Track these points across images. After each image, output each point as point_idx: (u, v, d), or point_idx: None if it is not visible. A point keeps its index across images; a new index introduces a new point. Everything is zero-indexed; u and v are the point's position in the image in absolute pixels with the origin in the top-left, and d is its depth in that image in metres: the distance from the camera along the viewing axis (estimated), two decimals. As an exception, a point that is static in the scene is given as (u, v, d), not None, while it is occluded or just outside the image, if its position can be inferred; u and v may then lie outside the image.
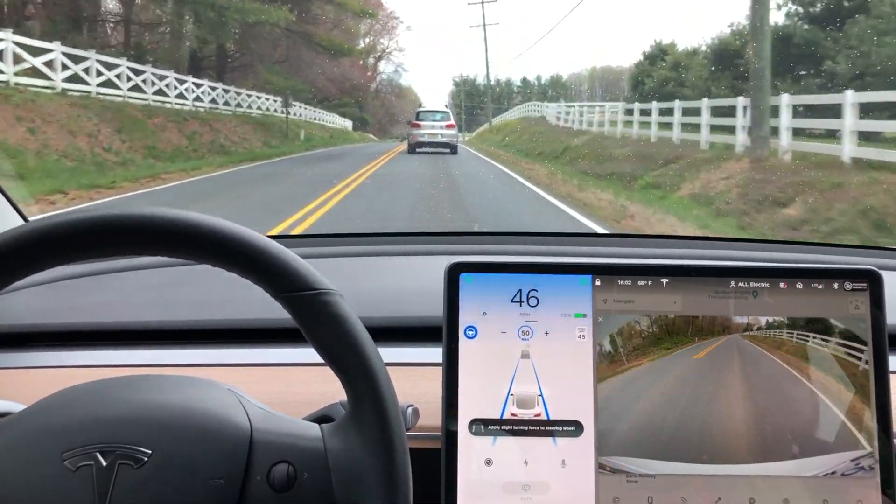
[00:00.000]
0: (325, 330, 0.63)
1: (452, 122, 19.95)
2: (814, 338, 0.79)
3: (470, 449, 0.77)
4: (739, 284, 0.79)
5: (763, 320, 0.79)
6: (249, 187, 11.71)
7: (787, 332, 0.79)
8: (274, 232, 5.86)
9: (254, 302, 0.84)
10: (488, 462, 0.77)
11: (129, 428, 0.62)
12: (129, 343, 1.03)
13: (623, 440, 0.77)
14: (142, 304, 1.14)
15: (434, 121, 19.64)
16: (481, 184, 13.34)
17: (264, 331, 1.03)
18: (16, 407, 0.71)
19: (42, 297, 1.16)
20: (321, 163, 17.25)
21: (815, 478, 0.76)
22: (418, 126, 19.35)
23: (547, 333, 0.79)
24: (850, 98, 9.14)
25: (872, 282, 0.79)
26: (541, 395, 0.78)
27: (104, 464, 0.60)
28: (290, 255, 0.64)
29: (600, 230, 7.46)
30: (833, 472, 0.76)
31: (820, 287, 0.79)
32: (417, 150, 18.56)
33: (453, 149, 18.84)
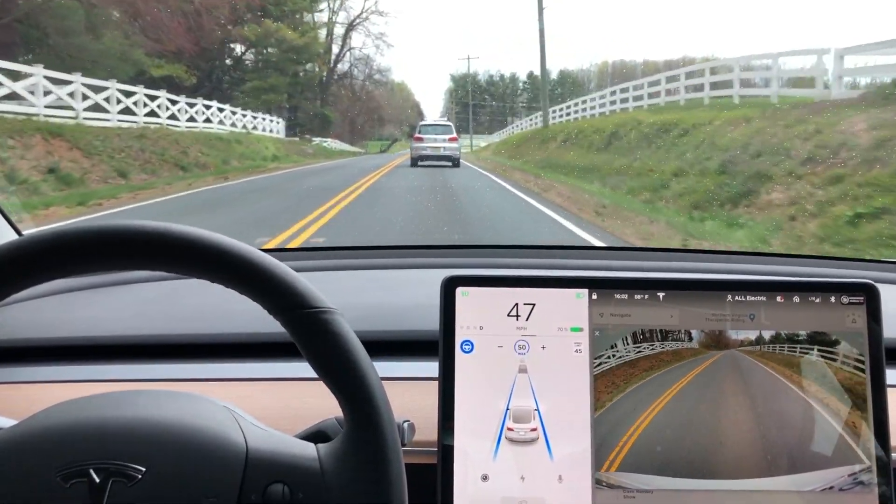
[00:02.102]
0: (322, 348, 0.63)
1: (455, 135, 19.93)
2: (811, 352, 0.78)
3: (466, 464, 0.76)
4: (736, 298, 0.79)
5: (760, 334, 0.79)
6: None
7: (785, 346, 0.78)
8: (269, 245, 5.85)
9: (248, 316, 0.84)
10: (485, 477, 0.76)
11: (123, 444, 0.61)
12: (122, 357, 1.03)
13: (620, 455, 0.76)
14: (135, 318, 1.13)
15: (436, 134, 19.64)
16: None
17: (259, 345, 1.03)
18: (7, 422, 0.70)
19: (34, 311, 1.15)
20: None
21: (813, 493, 0.76)
22: (421, 140, 19.37)
23: (543, 348, 0.78)
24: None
25: (869, 295, 0.79)
26: (537, 409, 0.77)
27: (97, 480, 0.59)
28: (288, 271, 0.64)
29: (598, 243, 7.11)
30: (831, 487, 0.76)
31: (817, 301, 0.79)
32: (420, 163, 18.56)
33: (455, 162, 18.82)
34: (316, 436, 0.71)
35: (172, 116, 16.50)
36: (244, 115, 20.71)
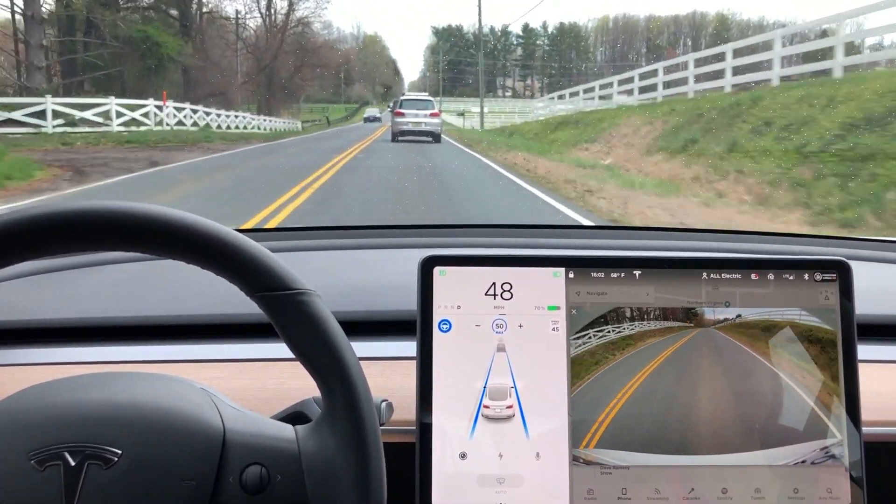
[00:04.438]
0: (300, 330, 0.62)
1: (436, 110, 19.73)
2: (785, 329, 0.79)
3: (444, 442, 0.77)
4: (711, 276, 0.80)
5: (735, 312, 0.79)
6: None
7: (759, 323, 0.79)
8: (247, 226, 5.81)
9: (225, 297, 0.83)
10: (463, 455, 0.77)
11: (98, 427, 0.61)
12: (97, 339, 1.01)
13: (598, 433, 0.77)
14: (110, 300, 1.12)
15: (417, 109, 19.40)
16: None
17: (236, 326, 1.02)
18: None
19: (6, 293, 1.13)
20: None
21: (786, 467, 0.77)
22: (402, 115, 19.14)
23: (521, 326, 0.79)
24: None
25: (842, 272, 0.80)
26: (514, 387, 0.77)
27: (72, 464, 0.59)
28: (265, 252, 0.63)
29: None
30: (803, 461, 0.77)
31: (791, 278, 0.80)
32: (400, 138, 18.33)
33: (436, 138, 18.61)
34: (294, 417, 0.71)
35: None
36: None
